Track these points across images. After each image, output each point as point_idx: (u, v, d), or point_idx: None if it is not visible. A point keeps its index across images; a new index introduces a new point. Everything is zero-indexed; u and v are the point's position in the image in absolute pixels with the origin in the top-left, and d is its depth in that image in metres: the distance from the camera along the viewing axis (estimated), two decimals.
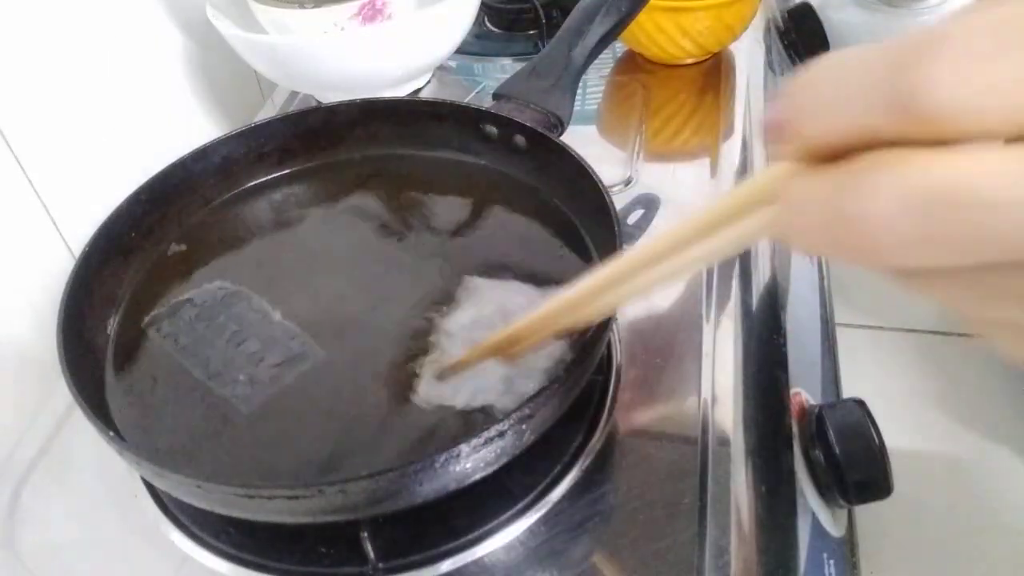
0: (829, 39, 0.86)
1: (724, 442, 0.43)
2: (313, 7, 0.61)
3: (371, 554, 0.39)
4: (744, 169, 0.62)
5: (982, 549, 0.61)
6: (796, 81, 0.17)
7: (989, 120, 0.14)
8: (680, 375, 0.46)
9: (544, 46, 0.58)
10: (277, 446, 0.41)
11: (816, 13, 0.86)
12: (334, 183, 0.57)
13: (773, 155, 0.19)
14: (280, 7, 0.62)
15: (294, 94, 0.76)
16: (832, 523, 0.47)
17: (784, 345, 0.52)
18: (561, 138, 0.52)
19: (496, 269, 0.48)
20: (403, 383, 0.42)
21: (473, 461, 0.35)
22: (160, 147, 0.57)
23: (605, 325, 0.39)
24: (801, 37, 0.87)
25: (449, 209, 0.54)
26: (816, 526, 0.45)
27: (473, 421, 0.40)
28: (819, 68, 0.16)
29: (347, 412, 0.42)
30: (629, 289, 0.27)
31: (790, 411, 0.49)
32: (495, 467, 0.37)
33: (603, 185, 0.46)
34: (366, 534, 0.38)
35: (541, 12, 0.80)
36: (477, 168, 0.56)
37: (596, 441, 0.43)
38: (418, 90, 0.72)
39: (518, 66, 0.59)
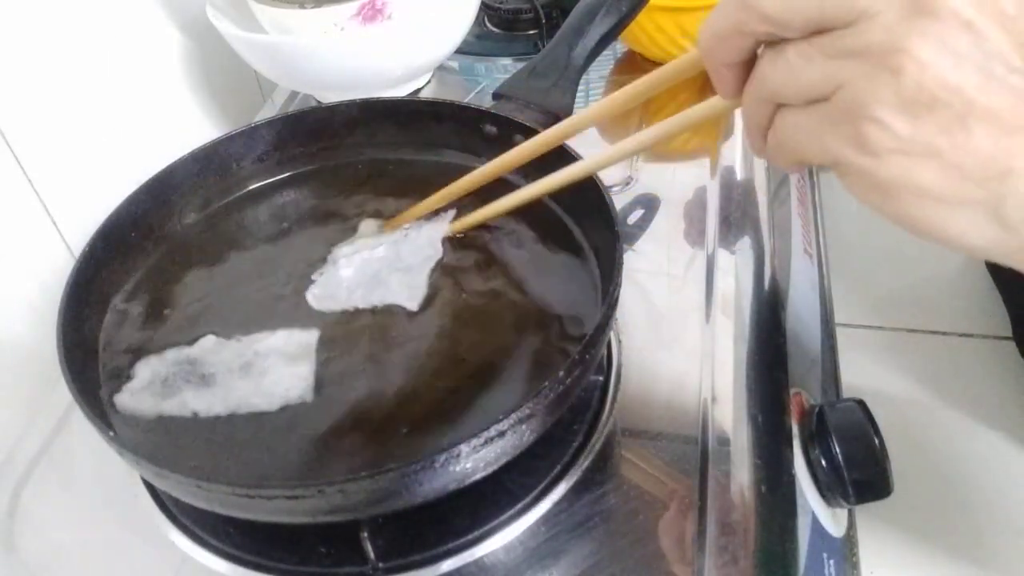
0: None
1: (724, 442, 0.43)
2: (313, 7, 0.61)
3: (371, 554, 0.39)
4: (744, 169, 0.62)
5: (982, 549, 0.61)
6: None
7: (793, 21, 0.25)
8: (680, 375, 0.46)
9: (544, 46, 0.58)
10: (278, 447, 0.41)
11: None
12: (334, 183, 0.57)
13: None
14: (280, 7, 0.62)
15: (294, 94, 0.76)
16: (832, 523, 0.47)
17: (784, 345, 0.52)
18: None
19: (494, 269, 0.48)
20: (403, 382, 0.42)
21: (473, 461, 0.35)
22: (160, 147, 0.57)
23: (605, 325, 0.39)
24: None
25: (448, 210, 0.54)
26: (816, 526, 0.45)
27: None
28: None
29: (347, 413, 0.42)
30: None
31: (790, 411, 0.49)
32: (495, 467, 0.37)
33: (603, 185, 0.46)
34: (366, 534, 0.38)
35: (541, 12, 0.80)
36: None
37: (596, 441, 0.43)
38: (418, 90, 0.72)
39: (518, 66, 0.59)
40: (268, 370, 0.44)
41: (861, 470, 0.44)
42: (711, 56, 0.29)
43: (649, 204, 0.59)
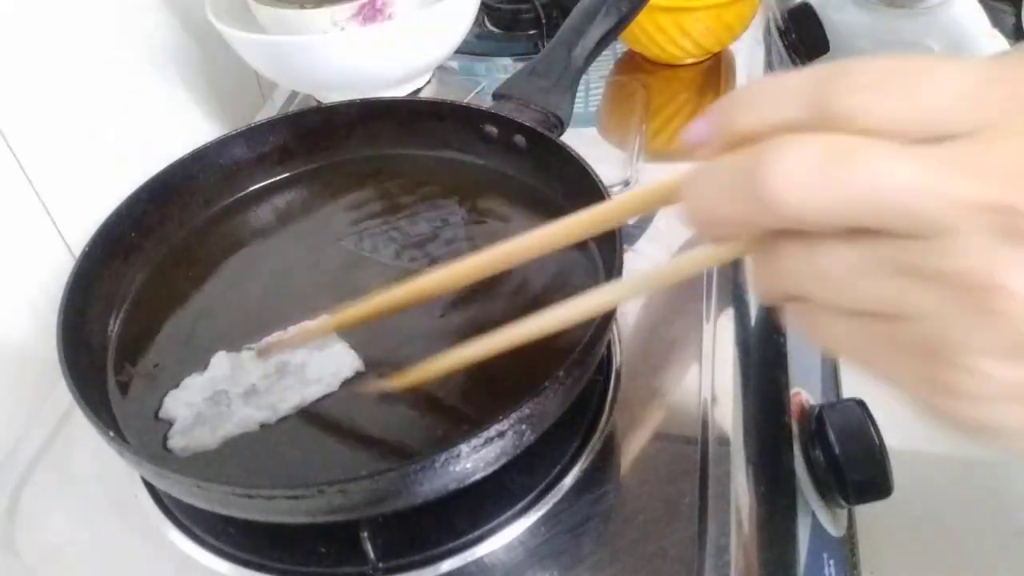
0: (829, 39, 0.86)
1: (724, 442, 0.43)
2: (313, 7, 0.61)
3: (371, 554, 0.38)
4: None
5: (982, 549, 0.61)
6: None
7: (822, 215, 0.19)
8: (680, 375, 0.46)
9: (544, 46, 0.58)
10: (278, 447, 0.41)
11: (816, 13, 0.86)
12: (334, 183, 0.57)
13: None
14: (280, 7, 0.62)
15: (294, 94, 0.76)
16: (832, 523, 0.47)
17: (784, 345, 0.52)
18: (561, 138, 0.52)
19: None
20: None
21: (473, 461, 0.35)
22: (160, 147, 0.57)
23: (605, 325, 0.39)
24: (801, 37, 0.87)
25: (449, 209, 0.54)
26: (816, 526, 0.45)
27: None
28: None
29: (346, 411, 0.42)
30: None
31: (790, 411, 0.49)
32: (495, 467, 0.37)
33: (603, 185, 0.46)
34: (366, 534, 0.38)
35: (541, 12, 0.80)
36: (477, 168, 0.56)
37: (596, 441, 0.43)
38: (418, 90, 0.72)
39: (518, 66, 0.59)
40: (305, 363, 0.43)
41: (861, 470, 0.44)
42: (702, 231, 0.22)
43: None
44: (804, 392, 0.51)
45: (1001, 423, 0.20)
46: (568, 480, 0.41)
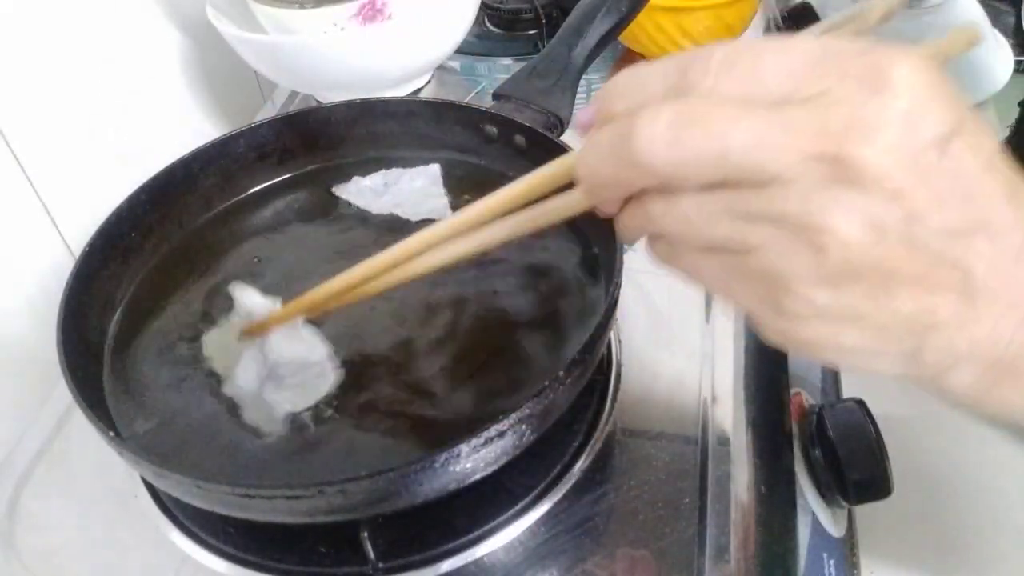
0: None
1: (724, 442, 0.43)
2: (313, 7, 0.61)
3: (371, 554, 0.38)
4: None
5: (982, 549, 0.61)
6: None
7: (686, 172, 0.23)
8: (680, 375, 0.46)
9: (544, 46, 0.58)
10: (278, 446, 0.41)
11: (816, 13, 0.86)
12: (334, 183, 0.57)
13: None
14: (280, 7, 0.62)
15: (294, 94, 0.76)
16: (832, 523, 0.47)
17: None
18: (561, 138, 0.52)
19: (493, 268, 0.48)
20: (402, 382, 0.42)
21: (473, 461, 0.35)
22: (160, 147, 0.57)
23: (605, 325, 0.39)
24: None
25: (448, 209, 0.54)
26: (816, 526, 0.45)
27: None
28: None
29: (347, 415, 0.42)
30: (439, 257, 0.34)
31: (790, 411, 0.49)
32: (495, 467, 0.37)
33: None
34: (366, 534, 0.38)
35: (541, 12, 0.80)
36: (477, 168, 0.56)
37: (596, 441, 0.43)
38: (418, 90, 0.72)
39: (518, 66, 0.59)
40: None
41: (861, 470, 0.44)
42: (592, 195, 0.27)
43: None
44: (804, 392, 0.51)
45: (820, 340, 0.24)
46: (568, 480, 0.41)
